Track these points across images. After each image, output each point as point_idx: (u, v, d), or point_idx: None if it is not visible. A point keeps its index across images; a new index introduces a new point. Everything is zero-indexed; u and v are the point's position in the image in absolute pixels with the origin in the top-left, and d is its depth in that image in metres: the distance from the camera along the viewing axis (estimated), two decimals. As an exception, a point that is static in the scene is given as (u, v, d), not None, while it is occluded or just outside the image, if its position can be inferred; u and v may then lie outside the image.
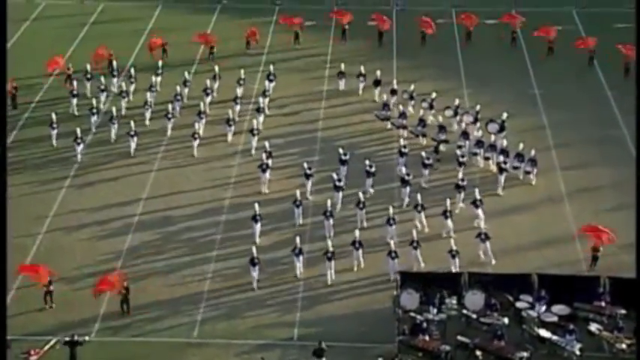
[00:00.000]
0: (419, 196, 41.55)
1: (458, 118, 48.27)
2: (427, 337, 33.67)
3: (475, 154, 46.20)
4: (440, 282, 35.92)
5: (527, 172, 44.75)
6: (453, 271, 37.52)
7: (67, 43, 59.11)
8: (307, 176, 43.51)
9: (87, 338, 34.00)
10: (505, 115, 47.29)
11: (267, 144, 45.62)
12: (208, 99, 50.84)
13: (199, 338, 35.20)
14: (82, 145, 46.46)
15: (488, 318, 34.67)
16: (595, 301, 35.37)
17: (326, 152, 46.83)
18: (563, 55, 57.32)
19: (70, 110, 50.58)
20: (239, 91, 51.40)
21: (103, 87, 51.77)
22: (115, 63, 54.76)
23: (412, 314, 34.59)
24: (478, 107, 48.43)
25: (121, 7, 65.73)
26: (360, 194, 41.86)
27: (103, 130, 48.80)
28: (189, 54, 57.51)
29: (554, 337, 33.79)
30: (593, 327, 34.31)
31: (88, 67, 53.07)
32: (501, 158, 44.71)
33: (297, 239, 38.43)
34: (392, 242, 38.57)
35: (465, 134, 46.89)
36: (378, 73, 52.31)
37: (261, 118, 49.12)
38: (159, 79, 53.13)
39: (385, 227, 39.99)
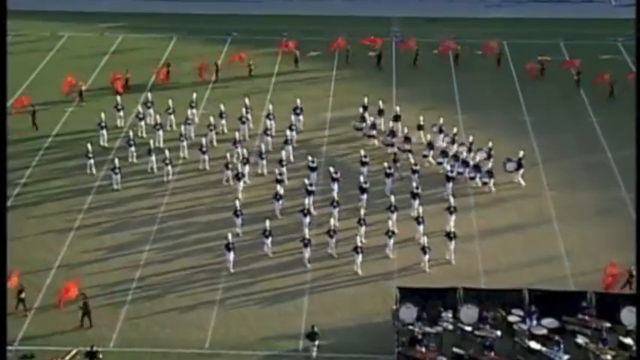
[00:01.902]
0: (392, 198, 42.44)
1: (456, 145, 47.93)
2: (424, 349, 33.57)
3: (440, 163, 46.77)
4: (437, 297, 35.86)
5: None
6: (422, 265, 38.69)
7: (89, 72, 59.24)
8: (309, 192, 43.55)
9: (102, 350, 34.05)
10: (522, 153, 46.17)
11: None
12: (245, 127, 49.98)
13: (210, 349, 35.13)
14: (119, 175, 45.59)
15: (482, 331, 34.60)
16: (582, 315, 35.30)
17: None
18: (552, 80, 57.59)
19: (100, 141, 49.59)
20: (269, 124, 50.14)
21: (141, 116, 50.88)
22: (149, 95, 53.78)
23: (410, 327, 34.53)
24: (471, 138, 48.19)
25: (138, 38, 65.95)
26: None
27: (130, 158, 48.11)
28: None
29: (544, 349, 33.74)
30: (580, 339, 34.24)
31: (119, 98, 52.59)
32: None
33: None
34: (360, 239, 39.78)
35: (430, 145, 47.75)
36: (380, 103, 52.08)
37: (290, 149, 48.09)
38: (194, 111, 52.06)
39: (358, 227, 40.98)
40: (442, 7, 74.02)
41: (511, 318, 35.26)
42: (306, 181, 44.30)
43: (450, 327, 34.94)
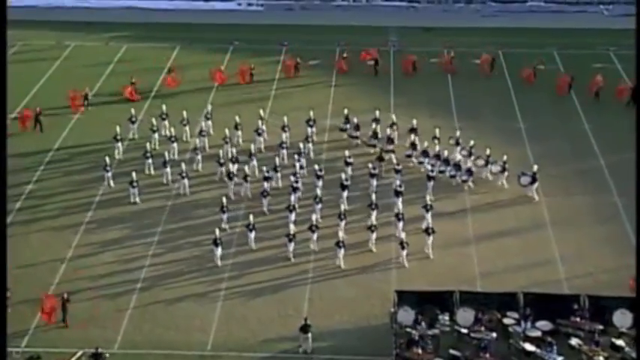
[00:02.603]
0: (374, 196, 43.21)
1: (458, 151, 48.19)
2: (422, 351, 33.60)
3: (421, 162, 47.39)
4: (434, 300, 35.88)
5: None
6: (401, 260, 39.62)
7: (94, 80, 59.31)
8: (294, 189, 43.94)
9: (108, 354, 34.05)
10: (536, 167, 45.74)
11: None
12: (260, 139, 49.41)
13: (212, 351, 35.17)
14: (137, 189, 44.98)
15: (477, 333, 34.62)
16: (575, 318, 35.33)
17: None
18: (545, 87, 57.90)
19: (115, 154, 48.84)
20: (284, 136, 49.52)
21: (155, 128, 50.01)
22: (164, 107, 52.33)
23: (408, 329, 34.56)
24: (472, 142, 48.26)
25: (142, 48, 66.05)
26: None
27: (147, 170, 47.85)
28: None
29: (538, 351, 33.77)
30: (574, 341, 34.27)
31: (133, 110, 51.86)
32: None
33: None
34: (341, 234, 40.60)
35: (413, 145, 48.27)
36: (377, 112, 51.90)
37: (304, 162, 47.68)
38: (209, 122, 51.29)
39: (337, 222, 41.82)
40: (439, 16, 74.16)
41: (506, 320, 35.29)
42: (292, 178, 44.71)
43: (447, 329, 34.97)
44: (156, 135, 50.12)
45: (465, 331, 34.86)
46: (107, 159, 46.72)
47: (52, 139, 51.59)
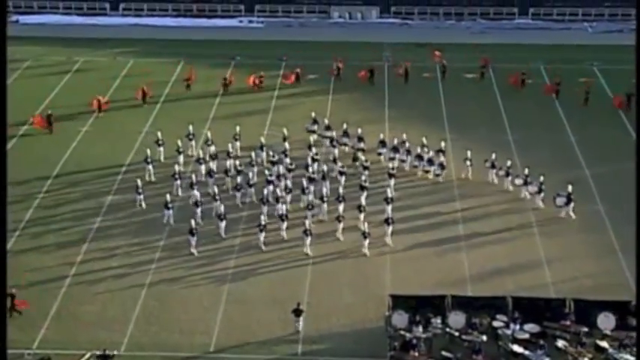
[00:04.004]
0: (340, 189, 44.32)
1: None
2: (416, 353, 33.58)
3: (392, 158, 48.34)
4: (427, 304, 35.88)
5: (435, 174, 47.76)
6: (362, 250, 40.94)
7: (102, 93, 59.17)
8: (268, 182, 44.67)
9: (116, 352, 34.03)
10: (570, 187, 44.91)
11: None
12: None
13: (215, 353, 35.11)
14: (172, 210, 43.62)
15: (468, 335, 34.59)
16: (561, 321, 35.33)
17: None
18: (532, 98, 58.26)
19: (146, 177, 47.28)
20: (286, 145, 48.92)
21: (181, 150, 48.55)
22: (191, 127, 50.81)
23: (402, 332, 34.57)
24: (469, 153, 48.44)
25: (148, 63, 66.14)
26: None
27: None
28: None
29: (526, 352, 33.69)
30: (560, 343, 34.20)
31: (159, 134, 50.41)
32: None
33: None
34: (307, 222, 41.61)
35: (382, 142, 49.38)
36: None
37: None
38: (237, 144, 49.99)
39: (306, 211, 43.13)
40: (431, 33, 74.36)
41: (496, 323, 35.24)
42: (267, 172, 45.89)
43: (439, 332, 34.96)
44: (181, 157, 48.62)
45: (456, 333, 34.83)
46: (139, 181, 45.50)
47: (61, 150, 51.75)
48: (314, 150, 48.50)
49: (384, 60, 66.19)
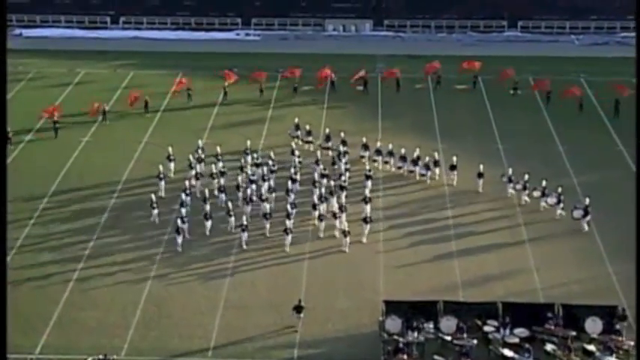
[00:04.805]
0: (322, 190, 45.14)
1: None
2: (408, 357, 33.59)
3: (375, 161, 49.69)
4: (419, 309, 35.87)
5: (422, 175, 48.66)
6: (343, 248, 41.56)
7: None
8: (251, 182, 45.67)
9: (116, 357, 34.09)
10: (587, 200, 44.26)
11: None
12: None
13: (213, 357, 35.10)
14: (187, 224, 42.99)
15: (460, 340, 34.64)
16: (550, 325, 35.39)
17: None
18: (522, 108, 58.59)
19: (158, 192, 46.49)
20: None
21: (193, 165, 47.88)
22: (200, 142, 50.51)
23: (395, 337, 34.57)
24: (455, 159, 48.61)
25: (147, 74, 66.20)
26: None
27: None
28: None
29: (516, 356, 33.75)
30: (549, 347, 34.31)
31: (170, 149, 49.69)
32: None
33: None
34: (288, 222, 42.37)
35: (365, 146, 50.26)
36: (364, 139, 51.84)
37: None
38: (249, 158, 49.08)
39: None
40: (423, 45, 74.54)
41: (486, 328, 35.31)
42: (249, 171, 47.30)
43: (431, 336, 34.99)
44: (192, 172, 47.84)
45: (448, 338, 34.87)
46: (153, 197, 45.00)
47: (63, 160, 51.75)
48: (297, 153, 49.26)
49: (377, 71, 66.32)
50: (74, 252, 42.18)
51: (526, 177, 46.72)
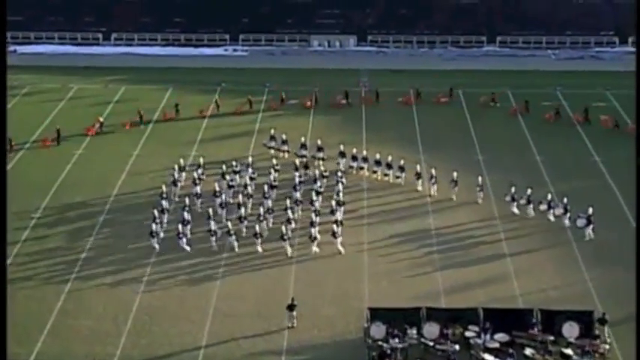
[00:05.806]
0: (298, 194, 46.06)
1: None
2: (392, 362, 33.69)
3: (351, 167, 50.65)
4: (403, 316, 35.90)
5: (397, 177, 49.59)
6: (314, 250, 42.20)
7: (95, 118, 59.31)
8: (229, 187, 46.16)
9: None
10: (591, 209, 44.00)
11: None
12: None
13: (203, 363, 35.18)
14: (185, 239, 42.79)
15: (442, 345, 34.69)
16: (529, 330, 35.51)
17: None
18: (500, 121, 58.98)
19: (171, 197, 46.90)
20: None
21: (197, 182, 47.29)
22: (202, 160, 50.14)
23: (380, 343, 34.59)
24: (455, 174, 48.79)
25: (138, 89, 66.15)
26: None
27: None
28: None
29: (496, 361, 33.95)
30: (528, 351, 34.38)
31: (176, 174, 48.57)
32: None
33: None
34: (258, 226, 43.01)
35: (342, 154, 50.79)
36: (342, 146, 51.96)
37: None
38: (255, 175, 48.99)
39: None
40: (405, 60, 74.83)
41: (468, 333, 35.37)
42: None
43: (415, 342, 35.01)
44: (197, 188, 47.21)
45: (430, 343, 34.90)
46: (155, 212, 44.22)
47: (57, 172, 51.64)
48: (274, 161, 49.81)
49: (360, 85, 66.50)
50: (67, 262, 42.02)
51: (529, 192, 46.31)
